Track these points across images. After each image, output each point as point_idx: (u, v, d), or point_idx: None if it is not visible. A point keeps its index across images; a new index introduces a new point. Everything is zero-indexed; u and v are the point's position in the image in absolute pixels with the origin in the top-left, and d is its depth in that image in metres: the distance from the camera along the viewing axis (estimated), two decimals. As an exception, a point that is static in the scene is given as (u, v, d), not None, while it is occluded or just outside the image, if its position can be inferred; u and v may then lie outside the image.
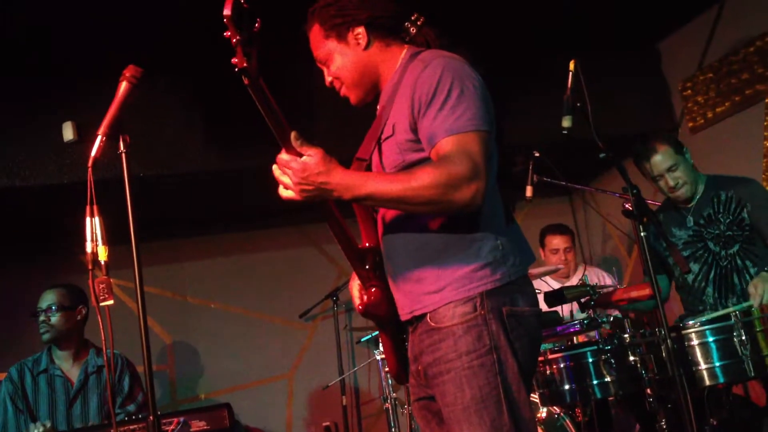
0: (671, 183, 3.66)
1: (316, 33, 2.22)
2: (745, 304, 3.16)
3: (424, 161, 2.03)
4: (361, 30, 2.19)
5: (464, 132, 1.93)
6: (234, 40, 1.74)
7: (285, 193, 1.95)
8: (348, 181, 1.89)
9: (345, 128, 3.76)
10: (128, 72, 2.13)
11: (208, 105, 4.72)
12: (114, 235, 2.08)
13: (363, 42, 2.19)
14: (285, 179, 1.92)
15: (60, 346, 4.10)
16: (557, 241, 5.04)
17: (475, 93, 2.00)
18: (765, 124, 4.81)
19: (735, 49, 4.98)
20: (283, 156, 1.90)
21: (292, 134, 1.88)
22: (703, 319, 3.07)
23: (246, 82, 1.78)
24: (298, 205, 1.98)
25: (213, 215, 5.90)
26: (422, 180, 1.88)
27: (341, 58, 2.20)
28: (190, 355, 5.88)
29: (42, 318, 4.04)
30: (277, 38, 2.51)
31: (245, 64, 1.75)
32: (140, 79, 2.13)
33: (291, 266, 6.12)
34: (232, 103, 3.79)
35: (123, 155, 2.13)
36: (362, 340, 5.21)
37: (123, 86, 2.12)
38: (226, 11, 1.71)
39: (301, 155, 1.88)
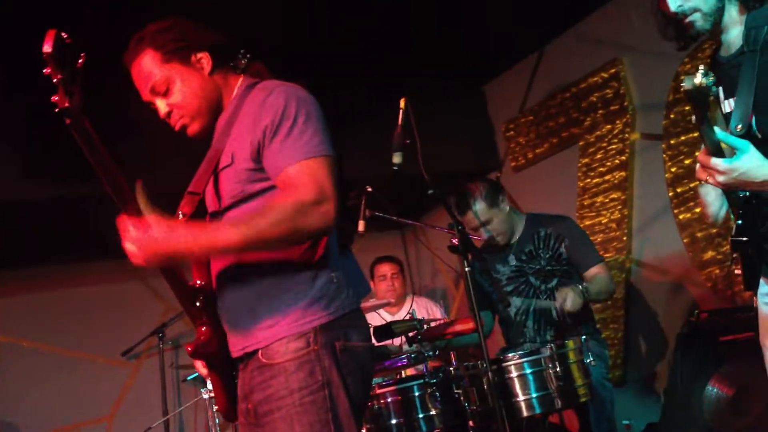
0: (485, 236, 3.82)
1: (149, 59, 2.09)
2: (548, 302, 3.38)
3: (266, 192, 1.99)
4: (204, 55, 2.12)
5: (310, 158, 1.92)
6: (55, 79, 1.62)
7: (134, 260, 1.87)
8: (194, 239, 1.84)
9: (176, 161, 3.63)
10: None
11: (27, 131, 4.44)
12: None
13: (207, 67, 2.12)
14: (130, 247, 1.83)
15: None
16: (385, 268, 5.13)
17: (319, 119, 2.00)
18: (579, 165, 5.13)
19: (552, 94, 5.30)
20: (127, 225, 1.82)
21: (138, 187, 1.84)
22: (522, 351, 3.19)
23: (68, 122, 1.67)
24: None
25: (26, 246, 5.51)
26: (271, 217, 1.84)
27: (184, 83, 2.09)
28: (-2, 398, 5.44)
29: None
30: (99, 66, 2.38)
31: (67, 104, 1.64)
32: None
33: (113, 301, 5.83)
34: (52, 130, 3.57)
35: None
36: (189, 378, 5.02)
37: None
38: (47, 48, 1.59)
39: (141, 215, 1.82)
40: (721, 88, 2.24)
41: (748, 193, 2.02)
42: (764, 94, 1.96)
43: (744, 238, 2.06)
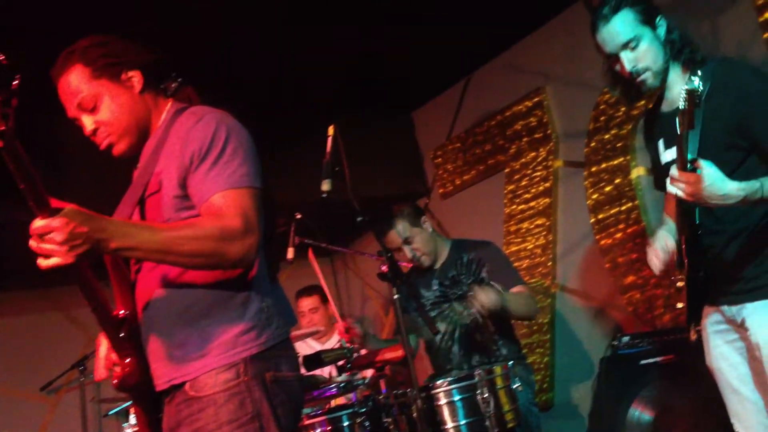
0: (408, 255, 3.87)
1: (78, 74, 2.04)
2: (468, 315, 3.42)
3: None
4: (135, 74, 2.09)
5: (238, 188, 1.91)
6: None
7: (48, 262, 1.69)
8: (116, 228, 1.74)
9: (99, 186, 3.54)
10: None
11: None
12: None
13: (139, 86, 2.09)
14: (47, 246, 1.67)
15: None
16: (304, 304, 5.10)
17: (248, 149, 1.99)
18: (505, 191, 5.22)
19: (479, 122, 5.39)
20: (39, 221, 1.67)
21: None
22: (451, 378, 3.20)
23: (1, 145, 1.61)
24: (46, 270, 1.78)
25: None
26: (195, 231, 1.82)
27: (113, 100, 2.06)
28: None
29: None
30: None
31: (3, 127, 1.58)
32: None
33: (32, 333, 5.61)
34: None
35: None
36: (111, 412, 4.86)
37: None
38: None
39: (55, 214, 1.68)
40: (662, 140, 2.51)
41: (697, 221, 2.27)
42: (707, 140, 2.18)
43: (701, 272, 2.33)
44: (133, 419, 3.75)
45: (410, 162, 5.98)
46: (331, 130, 3.02)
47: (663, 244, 2.51)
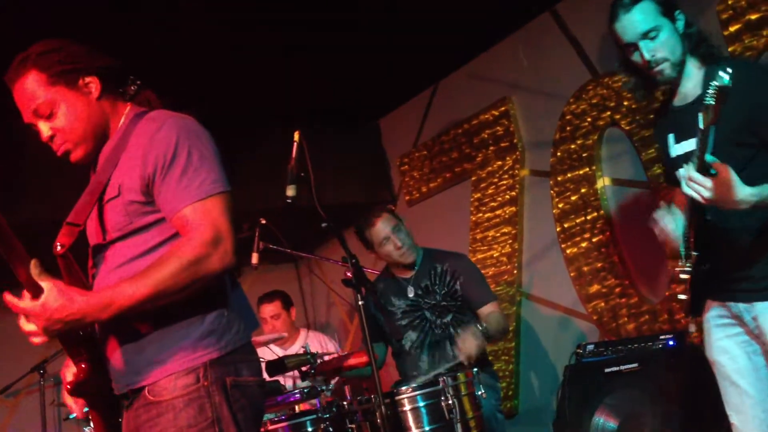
0: (398, 243, 3.84)
1: (33, 81, 2.01)
2: (454, 362, 3.38)
3: (155, 225, 1.96)
4: (92, 79, 2.06)
5: (206, 197, 1.90)
6: None
7: (36, 339, 1.83)
8: (97, 304, 1.80)
9: (56, 189, 3.49)
10: None
11: None
12: None
13: (96, 91, 2.06)
14: (29, 327, 1.82)
15: None
16: (266, 310, 5.07)
17: (212, 154, 1.97)
18: (471, 200, 5.24)
19: (446, 130, 5.41)
20: (23, 303, 1.79)
21: (32, 263, 1.78)
22: (415, 384, 3.20)
23: None
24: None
25: None
26: (170, 268, 1.82)
27: (69, 107, 2.03)
28: None
29: None
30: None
31: None
32: None
33: (-11, 336, 5.50)
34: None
35: None
36: (71, 416, 4.78)
37: None
38: None
39: (35, 283, 1.77)
40: (672, 135, 2.52)
41: (707, 216, 2.31)
42: (719, 137, 2.19)
43: (707, 266, 2.36)
44: (93, 424, 3.70)
45: (377, 169, 5.98)
46: (296, 136, 3.01)
47: (668, 220, 2.52)
